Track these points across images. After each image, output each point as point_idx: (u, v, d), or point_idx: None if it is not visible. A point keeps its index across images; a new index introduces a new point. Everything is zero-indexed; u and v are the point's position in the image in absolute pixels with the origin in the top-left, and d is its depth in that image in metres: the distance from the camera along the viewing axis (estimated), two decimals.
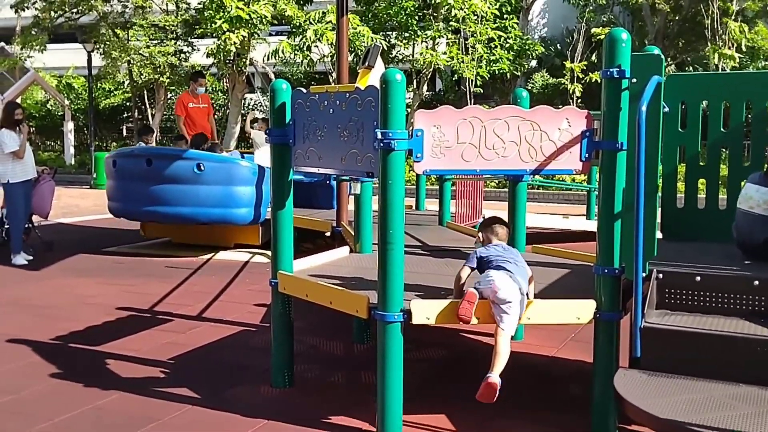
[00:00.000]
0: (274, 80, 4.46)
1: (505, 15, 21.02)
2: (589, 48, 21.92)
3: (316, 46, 18.02)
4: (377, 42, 15.66)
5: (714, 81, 4.84)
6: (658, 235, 3.73)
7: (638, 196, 3.33)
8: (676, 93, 4.26)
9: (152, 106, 25.42)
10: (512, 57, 20.30)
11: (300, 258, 4.66)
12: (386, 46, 18.37)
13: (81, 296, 6.91)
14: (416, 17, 18.86)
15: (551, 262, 4.86)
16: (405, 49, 19.31)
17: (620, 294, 3.64)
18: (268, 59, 19.93)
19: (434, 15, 18.62)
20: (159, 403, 4.16)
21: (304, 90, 4.26)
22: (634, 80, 3.49)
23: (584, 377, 4.12)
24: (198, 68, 18.22)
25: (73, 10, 21.96)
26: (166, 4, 22.42)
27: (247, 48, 18.43)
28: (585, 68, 19.93)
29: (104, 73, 24.41)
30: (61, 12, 22.07)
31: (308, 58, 18.30)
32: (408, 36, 18.82)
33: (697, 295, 3.57)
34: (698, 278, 3.57)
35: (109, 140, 29.29)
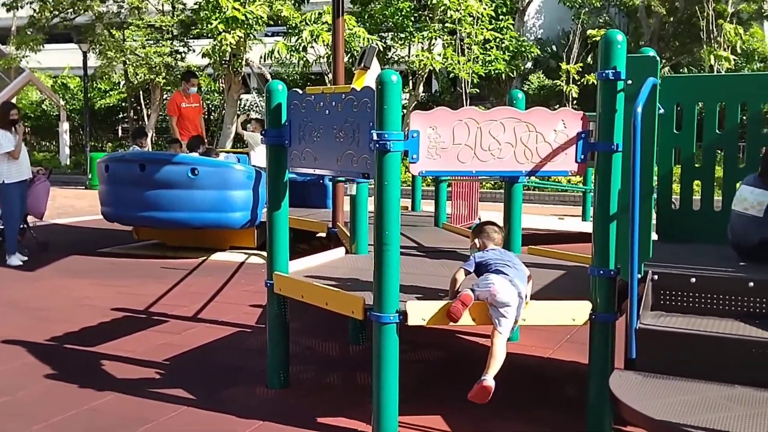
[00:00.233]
0: (270, 81, 4.45)
1: (501, 16, 21.04)
2: (585, 50, 21.95)
3: (312, 47, 18.02)
4: (373, 43, 15.66)
5: (709, 83, 4.85)
6: (654, 237, 3.73)
7: (633, 198, 3.33)
8: (672, 95, 4.27)
9: (148, 107, 25.36)
10: (508, 58, 20.33)
11: (296, 259, 4.66)
12: (382, 47, 18.38)
13: (76, 297, 6.90)
14: (412, 18, 18.87)
15: (547, 264, 4.86)
16: (401, 50, 19.31)
17: (615, 295, 3.64)
18: (264, 60, 19.94)
19: (430, 16, 18.62)
20: (154, 404, 4.15)
21: (300, 91, 4.26)
22: (630, 82, 3.49)
23: (580, 378, 4.13)
24: (192, 69, 18.20)
25: (69, 10, 21.91)
26: (162, 5, 22.39)
27: (243, 48, 18.42)
28: (581, 70, 19.97)
29: (100, 74, 24.35)
30: (57, 12, 22.02)
31: (304, 59, 18.29)
32: (404, 37, 18.83)
33: (692, 297, 3.57)
34: (693, 280, 3.57)
35: (105, 141, 29.23)
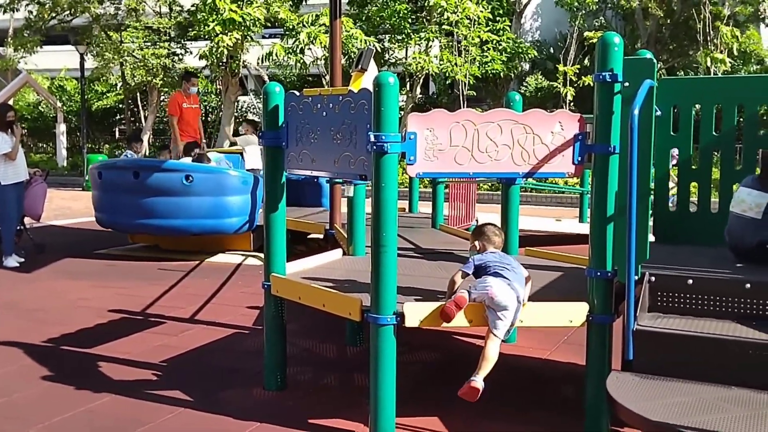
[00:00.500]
0: (268, 83, 4.45)
1: (498, 18, 21.08)
2: (582, 52, 22.00)
3: (309, 49, 18.05)
4: (370, 45, 15.67)
5: (706, 85, 4.85)
6: (651, 239, 3.74)
7: (630, 200, 3.34)
8: (668, 97, 4.28)
9: (145, 109, 25.36)
10: (505, 59, 20.36)
11: (293, 261, 4.66)
12: (379, 49, 18.40)
13: (73, 299, 6.89)
14: (409, 20, 18.90)
15: (544, 265, 4.86)
16: (398, 52, 19.33)
17: (613, 297, 3.64)
18: (262, 62, 19.95)
19: (427, 18, 18.64)
20: (151, 406, 4.15)
21: (298, 93, 4.26)
22: (627, 84, 3.50)
23: (577, 380, 4.13)
24: (190, 70, 18.23)
25: (66, 12, 21.92)
26: (159, 6, 22.41)
27: (240, 50, 18.43)
28: (578, 72, 20.00)
29: (97, 75, 24.35)
30: (54, 14, 22.02)
31: (301, 61, 18.32)
32: (401, 39, 18.86)
33: (689, 298, 3.58)
34: (690, 281, 3.58)
35: (102, 142, 29.24)
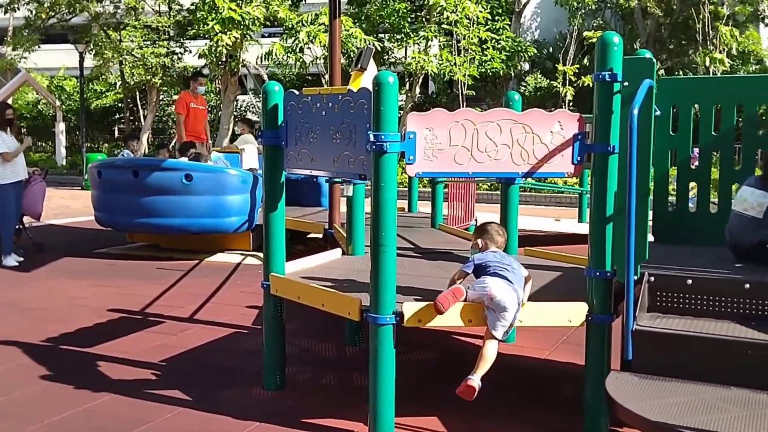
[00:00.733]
0: (267, 82, 4.45)
1: (497, 17, 21.08)
2: (581, 51, 22.00)
3: (309, 48, 18.05)
4: (370, 44, 15.67)
5: (705, 85, 4.85)
6: (650, 238, 3.74)
7: (630, 199, 3.33)
8: (668, 96, 4.28)
9: (144, 107, 25.36)
10: (504, 58, 20.36)
11: (292, 260, 4.66)
12: (379, 48, 18.40)
13: (72, 298, 6.88)
14: (409, 20, 18.89)
15: (543, 265, 4.86)
16: (398, 52, 19.33)
17: (612, 297, 3.64)
18: (261, 61, 19.95)
19: (427, 17, 18.64)
20: (150, 406, 4.14)
21: (297, 92, 4.26)
22: (626, 84, 3.50)
23: (576, 379, 4.13)
24: (192, 69, 18.23)
25: (65, 11, 21.91)
26: (159, 5, 22.40)
27: (240, 49, 18.43)
28: (577, 71, 20.00)
29: (96, 74, 24.34)
30: (53, 13, 22.02)
31: (301, 60, 18.31)
32: (400, 38, 18.85)
33: (689, 298, 3.58)
34: (689, 281, 3.58)
35: (101, 141, 29.23)
